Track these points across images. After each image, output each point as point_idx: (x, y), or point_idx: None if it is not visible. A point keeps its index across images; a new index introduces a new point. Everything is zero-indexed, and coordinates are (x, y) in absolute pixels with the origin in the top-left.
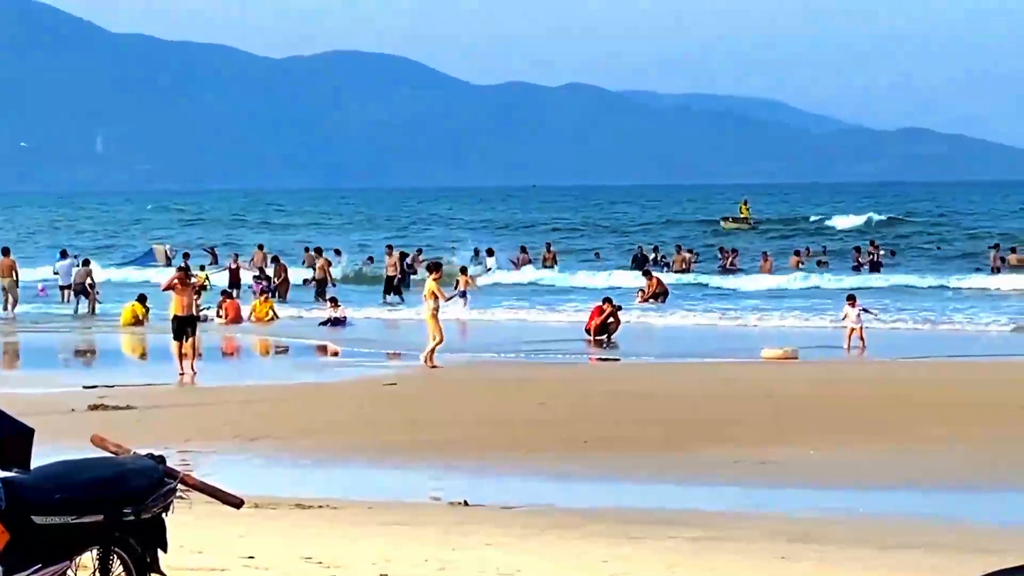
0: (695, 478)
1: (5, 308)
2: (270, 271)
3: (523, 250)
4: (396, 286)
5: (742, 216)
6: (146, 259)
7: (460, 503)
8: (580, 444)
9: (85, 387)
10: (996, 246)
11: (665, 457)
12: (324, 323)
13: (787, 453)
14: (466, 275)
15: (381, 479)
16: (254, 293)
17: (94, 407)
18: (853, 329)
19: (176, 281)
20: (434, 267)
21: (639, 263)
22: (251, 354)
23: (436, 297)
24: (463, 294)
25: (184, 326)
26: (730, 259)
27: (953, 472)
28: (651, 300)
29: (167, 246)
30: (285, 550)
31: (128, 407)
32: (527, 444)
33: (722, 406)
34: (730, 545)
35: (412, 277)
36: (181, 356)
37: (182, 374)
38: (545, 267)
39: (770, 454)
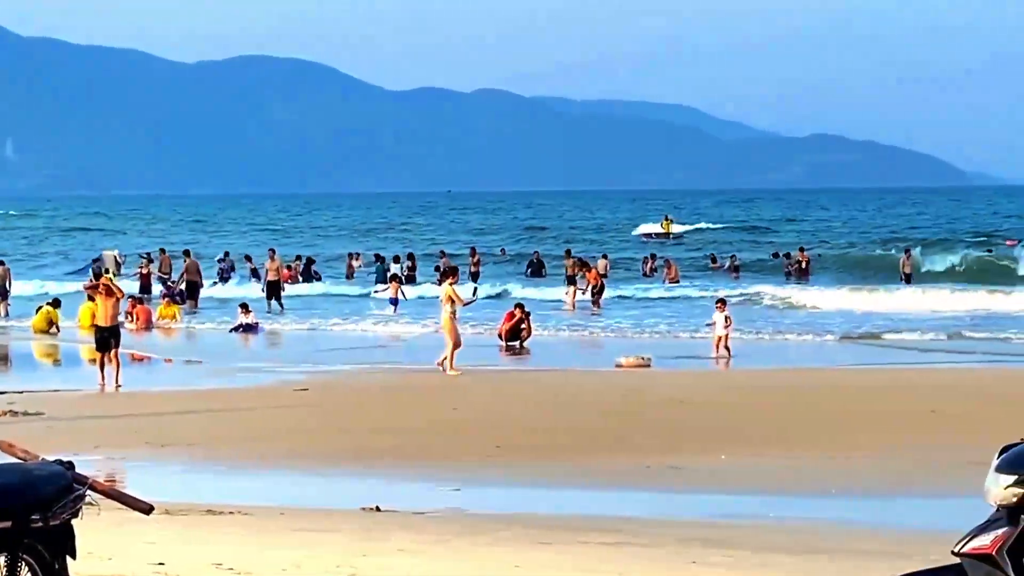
0: (607, 483)
1: None
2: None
3: (442, 254)
4: (277, 293)
5: (664, 231)
6: (93, 266)
7: (372, 509)
8: (492, 450)
9: None
10: (788, 254)
11: (577, 463)
12: (235, 329)
13: (698, 459)
14: (397, 282)
15: (293, 485)
16: (163, 298)
17: (3, 413)
18: (720, 337)
19: (101, 289)
20: (451, 271)
21: (535, 269)
22: (160, 360)
23: (453, 302)
24: (394, 301)
25: (108, 337)
26: (650, 265)
27: (863, 478)
28: (593, 296)
29: (116, 251)
30: (196, 556)
31: (38, 413)
32: (439, 450)
33: (633, 413)
34: (641, 550)
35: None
36: (103, 366)
37: (102, 385)
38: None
39: (681, 460)
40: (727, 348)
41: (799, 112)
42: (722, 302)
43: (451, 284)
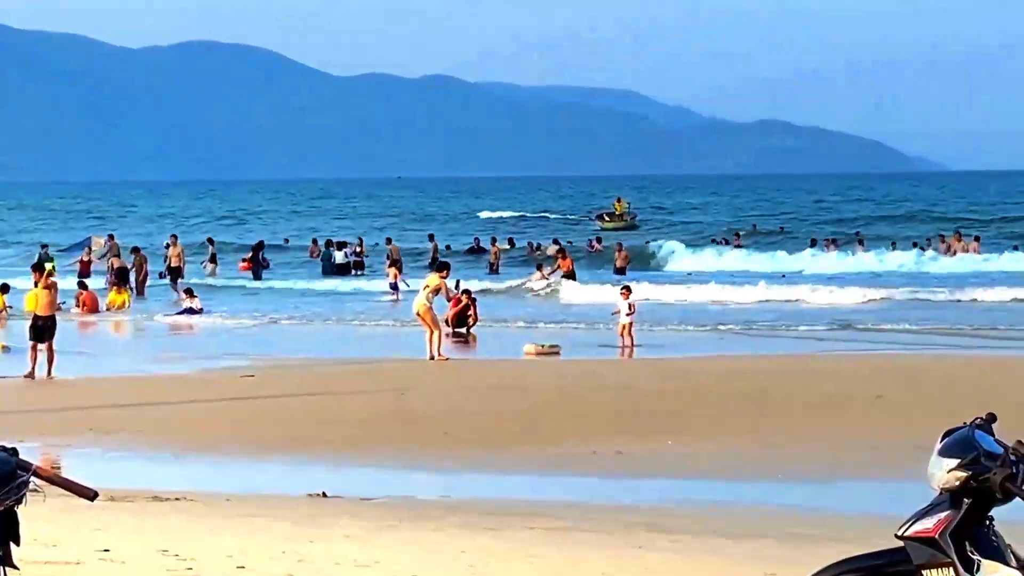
0: (554, 469)
1: None
2: (125, 261)
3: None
4: (175, 279)
5: (617, 213)
6: (79, 249)
7: (319, 495)
8: (440, 436)
9: None
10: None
11: (524, 449)
12: (180, 313)
13: (644, 445)
14: (398, 268)
15: (238, 471)
16: (108, 284)
17: None
18: (624, 325)
19: (41, 277)
20: (444, 266)
21: (477, 254)
22: (105, 346)
23: (436, 293)
24: (394, 286)
25: (43, 327)
26: (596, 249)
27: (808, 463)
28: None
29: (105, 237)
30: (141, 543)
31: None
32: (387, 437)
33: (579, 398)
34: (588, 536)
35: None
36: (35, 355)
37: (32, 373)
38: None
39: (628, 445)
40: (630, 336)
41: (745, 98)
42: (626, 289)
43: (442, 278)
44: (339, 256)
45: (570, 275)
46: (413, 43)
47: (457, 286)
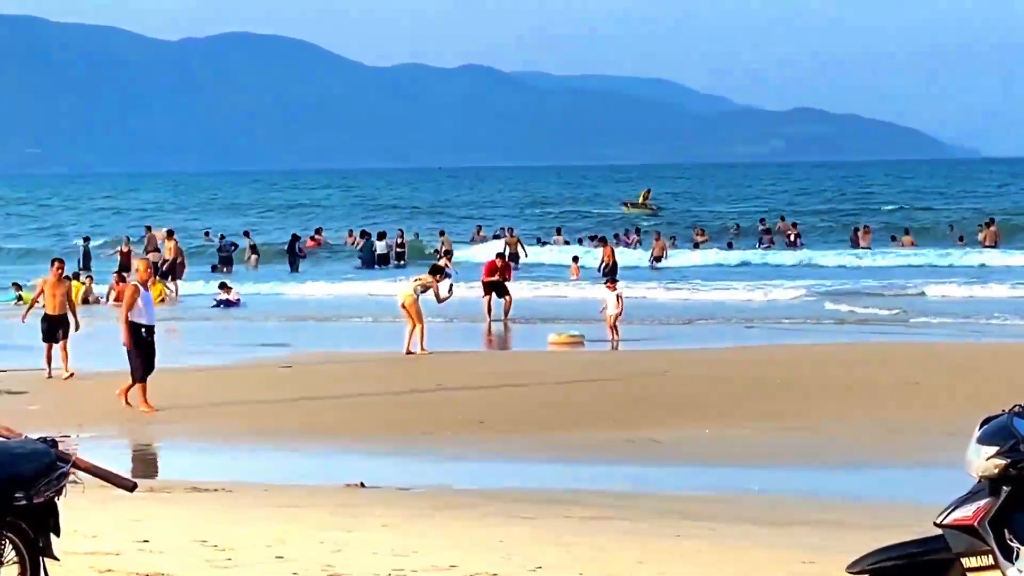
0: (589, 458)
1: None
2: (165, 251)
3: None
4: (168, 274)
5: (641, 203)
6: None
7: (356, 485)
8: (476, 425)
9: None
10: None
11: (560, 437)
12: (216, 305)
13: (680, 433)
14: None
15: (277, 462)
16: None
17: None
18: (612, 316)
19: (53, 275)
20: (438, 270)
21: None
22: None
23: (425, 290)
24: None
25: (56, 327)
26: (634, 240)
27: (846, 451)
28: (604, 273)
29: (164, 231)
30: (180, 533)
31: (21, 392)
32: (423, 426)
33: (612, 387)
34: (624, 524)
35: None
36: (50, 357)
37: (49, 376)
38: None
39: (663, 433)
40: (615, 328)
41: (780, 85)
42: (612, 282)
43: (436, 281)
44: (380, 246)
45: (612, 265)
46: (448, 33)
47: (450, 290)
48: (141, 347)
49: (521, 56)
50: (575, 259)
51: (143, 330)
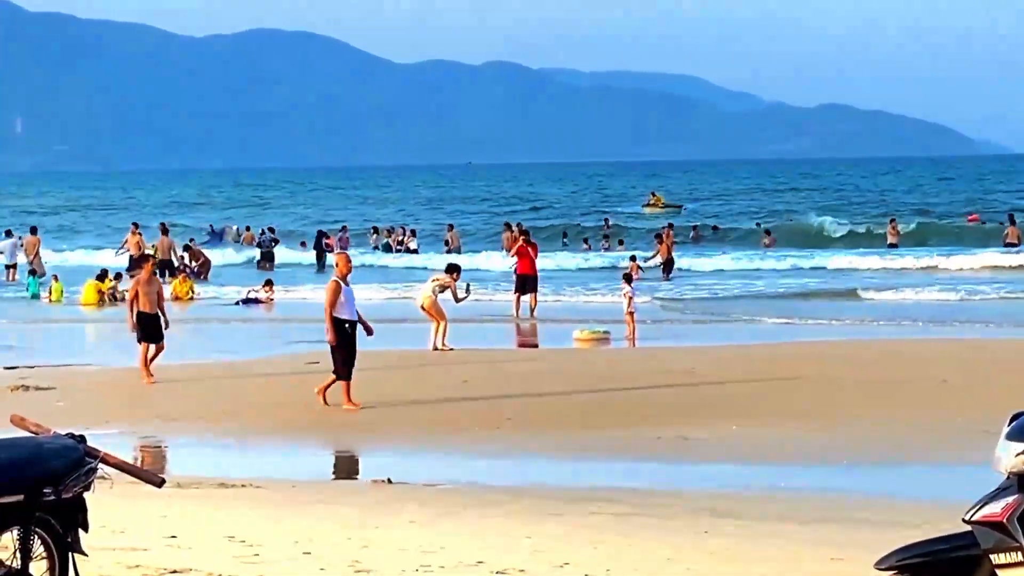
0: (618, 455)
1: None
2: (184, 255)
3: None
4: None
5: (655, 203)
6: (214, 240)
7: (384, 481)
8: (503, 422)
9: (6, 368)
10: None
11: (588, 434)
12: (245, 303)
13: (709, 430)
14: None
15: (304, 458)
16: (180, 272)
17: (15, 387)
18: (631, 312)
19: (146, 271)
20: (454, 268)
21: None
22: (171, 335)
23: (443, 290)
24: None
25: (151, 327)
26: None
27: (874, 448)
28: (662, 267)
29: (236, 227)
30: (208, 529)
31: (50, 388)
32: (450, 423)
33: (640, 384)
34: (653, 521)
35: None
36: (147, 360)
37: (150, 376)
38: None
39: (691, 431)
40: (631, 323)
41: (808, 82)
42: (628, 277)
43: (453, 279)
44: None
45: (669, 261)
46: (475, 29)
47: (467, 290)
48: (345, 343)
49: (548, 53)
50: (632, 258)
51: (347, 325)
